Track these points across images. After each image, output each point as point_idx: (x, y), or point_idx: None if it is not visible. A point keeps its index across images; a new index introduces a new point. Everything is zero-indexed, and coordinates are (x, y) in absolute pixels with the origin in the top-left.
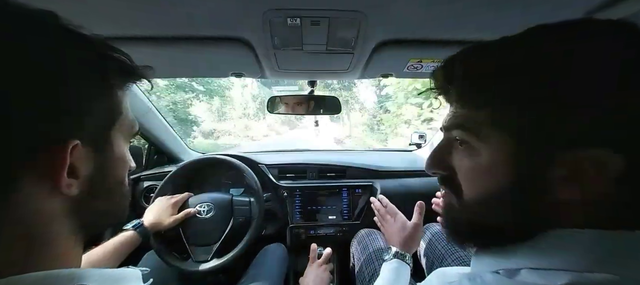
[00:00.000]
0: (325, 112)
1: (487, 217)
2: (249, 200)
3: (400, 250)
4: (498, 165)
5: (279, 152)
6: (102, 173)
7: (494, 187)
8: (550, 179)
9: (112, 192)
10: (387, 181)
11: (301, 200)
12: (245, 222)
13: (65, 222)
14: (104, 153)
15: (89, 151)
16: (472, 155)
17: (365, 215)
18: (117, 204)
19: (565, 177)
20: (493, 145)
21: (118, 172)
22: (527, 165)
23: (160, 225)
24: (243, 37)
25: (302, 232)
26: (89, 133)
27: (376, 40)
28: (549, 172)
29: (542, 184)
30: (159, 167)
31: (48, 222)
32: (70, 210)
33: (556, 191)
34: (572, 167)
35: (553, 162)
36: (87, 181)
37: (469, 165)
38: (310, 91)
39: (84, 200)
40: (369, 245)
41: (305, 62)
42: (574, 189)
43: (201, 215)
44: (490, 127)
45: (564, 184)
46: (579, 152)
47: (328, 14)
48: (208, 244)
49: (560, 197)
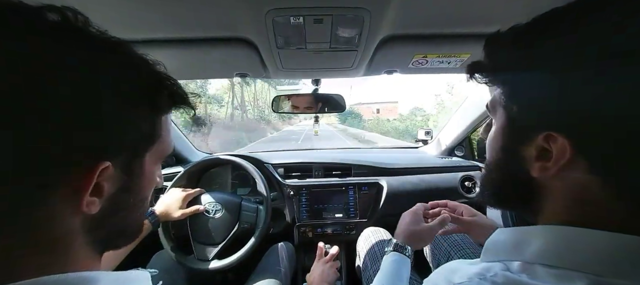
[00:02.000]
0: (330, 110)
1: (493, 177)
2: (256, 207)
3: (400, 243)
4: (497, 136)
5: (285, 152)
6: (127, 192)
7: (492, 153)
8: (526, 155)
9: (133, 210)
10: (393, 178)
11: (307, 198)
12: (250, 228)
13: (82, 237)
14: (133, 174)
15: (118, 172)
16: (490, 130)
17: (372, 213)
18: (136, 219)
19: (535, 156)
20: (498, 120)
21: (143, 191)
22: (510, 139)
23: (169, 216)
24: (246, 38)
25: (309, 230)
26: (123, 156)
27: (380, 36)
28: (524, 148)
29: (520, 157)
30: (167, 168)
31: (66, 236)
32: (89, 226)
33: (531, 168)
34: (539, 147)
35: (527, 139)
36: (109, 199)
37: (488, 137)
38: (314, 89)
39: (104, 217)
40: (376, 243)
41: (309, 60)
42: (544, 169)
43: (209, 214)
44: (500, 104)
45: (535, 162)
46: (542, 135)
47: (331, 11)
48: (211, 244)
49: (536, 174)
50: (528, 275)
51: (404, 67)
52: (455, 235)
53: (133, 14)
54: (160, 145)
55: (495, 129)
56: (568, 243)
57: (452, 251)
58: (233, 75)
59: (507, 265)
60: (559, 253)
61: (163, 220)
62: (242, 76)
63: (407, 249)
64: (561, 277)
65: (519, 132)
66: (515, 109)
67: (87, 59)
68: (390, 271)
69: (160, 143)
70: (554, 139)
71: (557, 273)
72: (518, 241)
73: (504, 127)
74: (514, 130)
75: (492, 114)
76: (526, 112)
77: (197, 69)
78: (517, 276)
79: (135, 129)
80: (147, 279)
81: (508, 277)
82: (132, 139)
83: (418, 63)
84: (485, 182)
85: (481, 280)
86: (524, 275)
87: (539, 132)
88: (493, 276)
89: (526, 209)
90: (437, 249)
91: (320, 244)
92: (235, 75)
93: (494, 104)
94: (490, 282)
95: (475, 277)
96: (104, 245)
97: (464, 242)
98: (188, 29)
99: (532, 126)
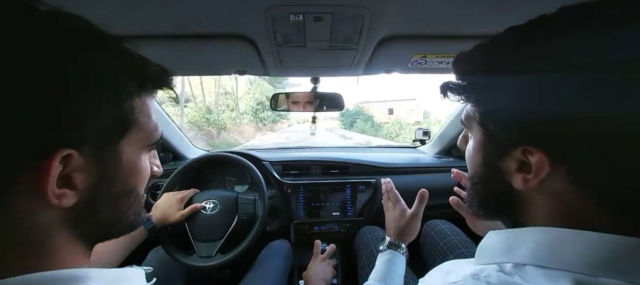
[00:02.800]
0: (329, 108)
1: (478, 190)
2: (253, 199)
3: (394, 240)
4: (476, 151)
5: (283, 149)
6: (107, 183)
7: (474, 168)
8: (507, 169)
9: (119, 203)
10: (390, 178)
11: (305, 196)
12: (249, 219)
13: (64, 232)
14: (108, 163)
15: (90, 161)
16: (468, 141)
17: (369, 211)
18: (125, 213)
19: (515, 168)
20: (475, 135)
21: (128, 182)
22: (489, 154)
23: (167, 220)
24: (246, 35)
25: (306, 228)
26: (89, 143)
27: (380, 35)
28: (504, 162)
29: (499, 171)
30: (164, 165)
31: (46, 232)
32: (68, 220)
33: (513, 180)
34: (518, 160)
35: (506, 154)
36: (87, 192)
37: (466, 149)
38: (313, 88)
39: (84, 210)
40: (372, 241)
41: (308, 58)
42: (526, 180)
43: (206, 211)
44: (475, 120)
45: (516, 174)
46: (519, 149)
47: (331, 9)
48: (213, 240)
49: (518, 186)
50: (520, 276)
51: (403, 66)
52: (451, 236)
53: (132, 9)
54: (140, 132)
55: (473, 143)
56: (555, 243)
57: (448, 251)
58: (232, 72)
59: (501, 267)
60: (547, 253)
61: (161, 226)
62: (240, 73)
63: (401, 247)
64: (550, 277)
65: (496, 146)
66: (491, 126)
67: (30, 37)
68: (385, 270)
69: (140, 130)
70: (531, 153)
71: (546, 273)
72: (509, 243)
73: (481, 142)
74: (492, 145)
75: (467, 128)
76: (500, 129)
77: (196, 65)
78: (510, 277)
79: (97, 115)
80: (141, 276)
81: (501, 277)
82: (96, 126)
83: (417, 63)
84: (471, 195)
85: (475, 281)
86: (516, 276)
87: (516, 146)
88: (487, 276)
89: (513, 218)
90: (433, 249)
91: (317, 242)
92: (234, 72)
93: (469, 119)
94: (484, 282)
95: (470, 277)
96: (94, 239)
97: (459, 242)
98: (187, 25)
99: (508, 141)
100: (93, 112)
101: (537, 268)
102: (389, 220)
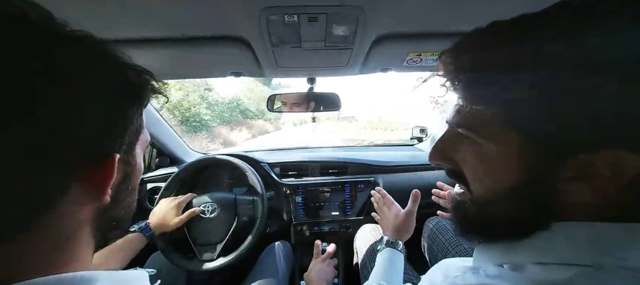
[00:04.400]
0: (326, 108)
1: (496, 212)
2: (252, 199)
3: (391, 238)
4: (507, 162)
5: (281, 151)
6: (126, 183)
7: (503, 183)
8: (561, 178)
9: (129, 199)
10: (388, 176)
11: (304, 197)
12: (249, 220)
13: (88, 227)
14: (131, 164)
15: (122, 163)
16: (478, 150)
17: (368, 210)
18: (129, 209)
19: (576, 177)
20: (502, 142)
21: (136, 180)
22: (537, 164)
23: (165, 227)
24: (241, 36)
25: (306, 229)
26: (125, 147)
27: (375, 34)
28: (560, 171)
29: (552, 183)
30: (162, 169)
31: (78, 228)
32: (96, 216)
33: (566, 190)
34: (584, 168)
35: (564, 162)
36: (114, 190)
37: (475, 160)
38: (309, 88)
39: (108, 207)
40: (373, 240)
41: (303, 59)
42: (584, 190)
43: (205, 215)
44: (499, 125)
45: (574, 185)
46: (591, 153)
47: (326, 9)
48: (213, 243)
49: (571, 197)
50: (519, 271)
51: (399, 65)
52: (452, 231)
53: (125, 12)
54: (143, 136)
55: (498, 153)
56: (553, 240)
57: (450, 246)
58: (227, 75)
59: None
60: (547, 250)
61: (160, 232)
62: (236, 75)
63: (398, 244)
64: (549, 271)
65: (549, 153)
66: (546, 128)
67: (86, 62)
68: (385, 267)
69: (144, 133)
70: (600, 156)
71: (545, 268)
72: (507, 245)
73: (520, 150)
74: (542, 152)
75: (482, 138)
76: (556, 131)
77: (191, 68)
78: (509, 270)
79: (130, 122)
80: (145, 278)
81: (500, 270)
82: (128, 131)
83: (412, 61)
84: (474, 217)
85: (475, 274)
86: (516, 271)
87: (588, 150)
88: (485, 270)
89: (519, 238)
90: (435, 245)
91: (317, 242)
92: (229, 74)
93: (487, 125)
94: (483, 275)
95: (469, 270)
96: (104, 236)
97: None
98: (181, 27)
99: (575, 144)
100: (129, 120)
101: (535, 265)
102: (386, 222)
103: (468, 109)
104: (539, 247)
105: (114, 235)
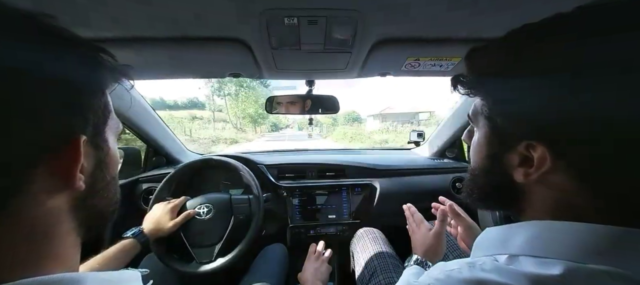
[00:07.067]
0: (324, 111)
1: (482, 182)
2: (248, 198)
3: (421, 258)
4: (481, 145)
5: (278, 153)
6: (101, 169)
7: (477, 160)
8: (510, 162)
9: (108, 189)
10: (386, 180)
11: (301, 200)
12: (246, 220)
13: (67, 219)
14: (103, 149)
15: (91, 147)
16: (473, 135)
17: (365, 213)
18: (111, 200)
19: (518, 162)
20: (481, 130)
21: (112, 168)
22: (494, 148)
23: (160, 231)
24: (240, 38)
25: (302, 232)
26: (91, 129)
27: (373, 38)
28: (507, 156)
29: (504, 164)
30: (157, 169)
31: (54, 219)
32: (73, 206)
33: (515, 173)
34: (521, 155)
35: (510, 148)
36: (89, 177)
37: (472, 142)
38: (308, 90)
39: (85, 196)
40: (369, 244)
41: (303, 61)
42: (527, 174)
43: (201, 217)
44: (481, 115)
45: (518, 168)
46: (523, 144)
47: (325, 13)
48: (210, 244)
49: (519, 179)
50: (514, 265)
51: (397, 69)
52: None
53: (122, 13)
54: (112, 121)
55: (479, 137)
56: (549, 235)
57: (448, 251)
58: (226, 75)
59: (496, 258)
60: (540, 244)
61: (154, 237)
62: (235, 76)
63: (427, 265)
64: (542, 265)
65: (501, 140)
66: (498, 120)
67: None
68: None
69: (112, 118)
70: (534, 148)
71: (539, 261)
72: (505, 237)
73: (487, 136)
74: (497, 139)
75: (474, 123)
76: (508, 123)
77: (189, 68)
78: (504, 265)
79: (94, 103)
80: (137, 278)
81: (496, 265)
82: (93, 112)
83: (410, 66)
84: (471, 186)
85: (471, 268)
86: (510, 266)
87: (520, 141)
88: (482, 264)
89: (511, 209)
90: None
91: (312, 246)
92: (228, 75)
93: (475, 114)
94: (479, 269)
95: (466, 264)
96: (87, 230)
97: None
98: (180, 27)
99: (514, 135)
100: (92, 99)
101: (530, 258)
102: (416, 240)
103: (473, 102)
104: (532, 242)
105: (95, 228)
